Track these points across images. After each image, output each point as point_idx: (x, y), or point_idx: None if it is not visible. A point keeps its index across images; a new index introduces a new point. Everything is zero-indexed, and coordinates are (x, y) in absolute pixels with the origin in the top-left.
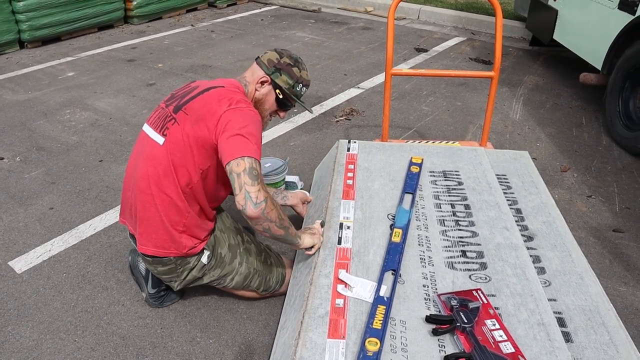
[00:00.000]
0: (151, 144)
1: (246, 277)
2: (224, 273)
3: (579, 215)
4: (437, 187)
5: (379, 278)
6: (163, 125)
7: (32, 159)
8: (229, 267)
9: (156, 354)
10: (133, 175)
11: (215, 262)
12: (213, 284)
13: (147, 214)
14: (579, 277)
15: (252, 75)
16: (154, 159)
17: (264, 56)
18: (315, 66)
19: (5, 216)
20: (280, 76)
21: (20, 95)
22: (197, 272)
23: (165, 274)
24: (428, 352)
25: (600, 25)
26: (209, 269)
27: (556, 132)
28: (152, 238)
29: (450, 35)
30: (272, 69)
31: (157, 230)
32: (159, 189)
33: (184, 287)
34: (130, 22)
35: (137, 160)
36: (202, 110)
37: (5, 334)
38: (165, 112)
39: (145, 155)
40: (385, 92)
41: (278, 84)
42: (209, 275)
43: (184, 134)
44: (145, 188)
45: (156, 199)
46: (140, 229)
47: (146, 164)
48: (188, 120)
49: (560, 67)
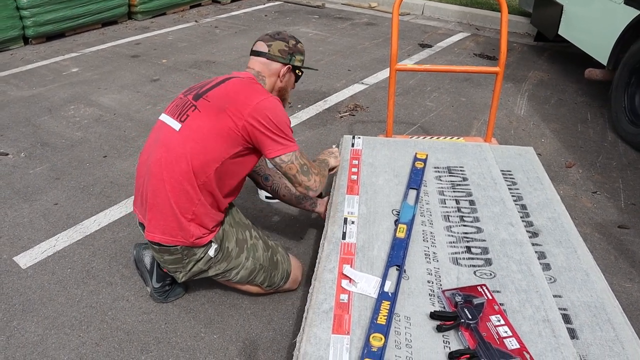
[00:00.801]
0: (167, 130)
1: (251, 272)
2: (230, 267)
3: (584, 211)
4: (441, 182)
5: (383, 273)
6: (182, 112)
7: (37, 155)
8: (235, 261)
9: (160, 349)
10: (146, 163)
11: (222, 256)
12: (218, 277)
13: (158, 200)
14: (584, 274)
15: (268, 69)
16: (168, 145)
17: (273, 48)
18: (319, 62)
19: (10, 212)
20: (295, 57)
21: (25, 91)
22: (203, 265)
23: (172, 263)
24: (432, 348)
25: (606, 21)
26: (216, 262)
27: (561, 128)
28: (160, 225)
29: (454, 30)
30: (288, 57)
31: (166, 216)
32: (171, 175)
33: (188, 279)
34: (134, 18)
35: (152, 147)
36: (226, 100)
37: (11, 328)
38: (184, 101)
39: (161, 142)
40: (390, 87)
41: (296, 65)
42: (214, 268)
43: (206, 120)
44: (157, 173)
45: (167, 185)
46: (149, 215)
47: (160, 150)
48: (211, 108)
49: (565, 62)
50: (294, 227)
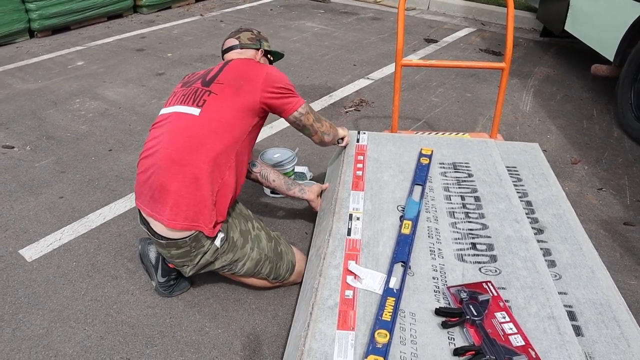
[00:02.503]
0: (185, 118)
1: (257, 263)
2: (236, 258)
3: (590, 208)
4: (446, 178)
5: (388, 270)
6: (197, 98)
7: (42, 148)
8: (241, 252)
9: (165, 343)
10: (158, 153)
11: (227, 247)
12: (224, 269)
13: (181, 185)
14: (589, 271)
15: (246, 56)
16: (190, 129)
17: (241, 39)
18: (325, 56)
19: (15, 205)
20: (263, 43)
21: (30, 84)
22: (209, 256)
23: (179, 257)
24: (437, 345)
25: (613, 16)
26: (222, 253)
27: (567, 124)
28: (181, 210)
29: (460, 26)
30: (258, 43)
31: (189, 202)
32: (197, 157)
33: (195, 273)
34: (140, 12)
35: (167, 138)
36: (238, 78)
37: (17, 321)
38: (193, 89)
39: (178, 130)
40: (395, 82)
41: (266, 50)
42: (221, 259)
43: (226, 100)
44: (180, 160)
45: (193, 168)
46: (171, 203)
47: (180, 137)
48: (227, 89)
49: (571, 58)
50: (298, 223)
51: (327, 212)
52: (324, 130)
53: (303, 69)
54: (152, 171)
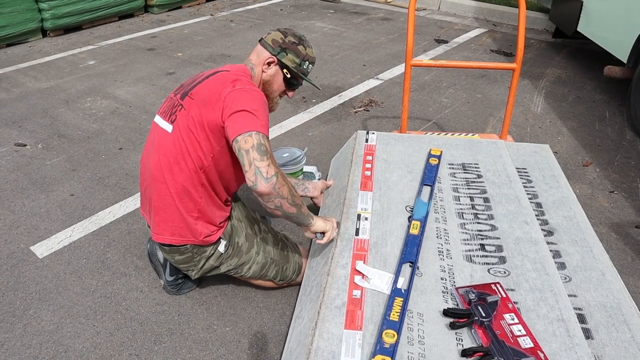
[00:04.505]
0: (161, 133)
1: (263, 266)
2: (241, 262)
3: (601, 210)
4: (456, 179)
5: (396, 270)
6: (171, 113)
7: (54, 146)
8: (246, 256)
9: (173, 340)
10: (147, 166)
11: (232, 251)
12: (230, 272)
13: (163, 202)
14: (600, 273)
15: (257, 58)
16: (164, 148)
17: (268, 37)
18: (334, 57)
19: (27, 202)
20: (287, 55)
21: (43, 83)
22: (214, 261)
23: (183, 262)
24: (445, 346)
25: (627, 17)
26: (226, 258)
27: (578, 126)
28: (168, 226)
29: (471, 26)
30: (278, 49)
31: (172, 218)
32: (172, 177)
33: (201, 276)
34: (151, 11)
35: (150, 151)
36: (208, 94)
37: (28, 316)
38: (174, 101)
39: (157, 145)
40: (405, 83)
41: (285, 64)
42: (226, 264)
43: (190, 118)
44: (159, 177)
45: (170, 187)
46: (156, 218)
47: (158, 154)
48: (194, 105)
49: (583, 59)
50: None
51: (335, 211)
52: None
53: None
54: (146, 184)
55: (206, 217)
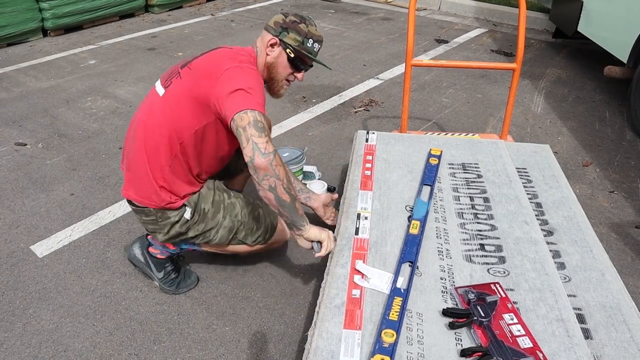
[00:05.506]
0: (154, 95)
1: (230, 230)
2: (208, 227)
3: (601, 210)
4: (455, 179)
5: (396, 269)
6: (168, 79)
7: (54, 146)
8: (212, 221)
9: (173, 340)
10: (133, 122)
11: (198, 218)
12: (198, 239)
13: (136, 161)
14: (599, 274)
15: (261, 41)
16: (152, 110)
17: (271, 21)
18: (335, 56)
19: (27, 201)
20: (288, 34)
21: (43, 82)
22: (180, 228)
23: (149, 224)
24: (444, 345)
25: (627, 17)
26: (193, 224)
27: (578, 126)
28: (135, 185)
29: (471, 26)
30: (279, 30)
31: (141, 177)
32: (151, 139)
33: (170, 242)
34: (151, 11)
35: (140, 110)
36: (205, 67)
37: (27, 316)
38: (174, 69)
39: (147, 105)
40: (405, 83)
41: (287, 43)
42: (193, 230)
43: (183, 88)
44: (140, 135)
45: (146, 148)
46: (128, 174)
47: (145, 114)
48: (191, 76)
49: (583, 59)
50: None
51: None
52: (259, 143)
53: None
54: (129, 141)
55: (170, 187)
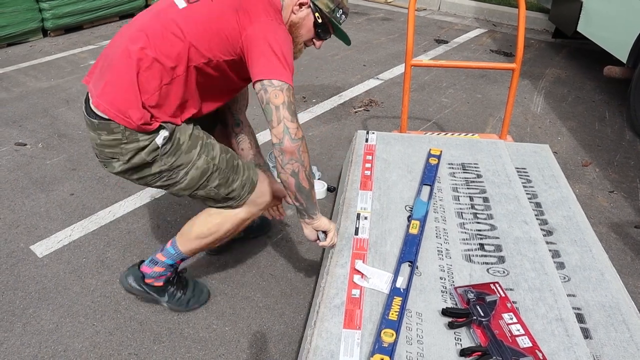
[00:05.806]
0: (170, 6)
1: (204, 173)
2: (179, 163)
3: (600, 210)
4: (455, 179)
5: (395, 269)
6: None
7: (54, 146)
8: (185, 156)
9: (173, 340)
10: (132, 25)
11: (170, 148)
12: (162, 177)
13: (121, 70)
14: (599, 273)
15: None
16: (165, 20)
17: None
18: (334, 57)
19: (27, 201)
20: None
21: (43, 82)
22: (146, 155)
23: (110, 146)
24: (444, 345)
25: (627, 17)
26: (162, 154)
27: (578, 126)
28: (111, 95)
29: (471, 26)
30: None
31: (122, 87)
32: (155, 49)
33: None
34: None
35: (145, 19)
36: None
37: (27, 316)
38: None
39: (158, 15)
40: (405, 83)
41: (318, 7)
42: (159, 162)
43: (213, 11)
44: (140, 38)
45: (145, 57)
46: (106, 79)
47: (156, 23)
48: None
49: (583, 59)
50: None
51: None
52: (290, 128)
53: (312, 69)
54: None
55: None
